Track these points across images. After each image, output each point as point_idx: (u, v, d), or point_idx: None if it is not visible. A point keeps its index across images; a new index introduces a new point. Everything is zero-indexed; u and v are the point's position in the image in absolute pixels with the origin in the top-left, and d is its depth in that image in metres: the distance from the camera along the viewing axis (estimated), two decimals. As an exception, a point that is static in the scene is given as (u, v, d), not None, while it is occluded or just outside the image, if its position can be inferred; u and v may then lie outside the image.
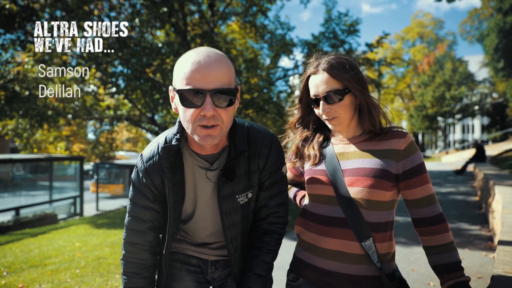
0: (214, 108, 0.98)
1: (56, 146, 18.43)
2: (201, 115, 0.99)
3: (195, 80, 0.96)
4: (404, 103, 38.39)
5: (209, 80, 0.97)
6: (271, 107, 11.10)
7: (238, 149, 1.12)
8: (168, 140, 1.15)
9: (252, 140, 1.17)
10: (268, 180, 1.21)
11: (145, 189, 1.16)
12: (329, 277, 1.20)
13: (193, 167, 1.17)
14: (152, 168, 1.14)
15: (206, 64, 0.97)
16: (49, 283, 4.03)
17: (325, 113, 1.22)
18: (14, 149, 25.24)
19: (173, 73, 1.05)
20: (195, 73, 0.96)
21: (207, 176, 1.17)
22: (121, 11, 9.90)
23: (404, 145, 1.18)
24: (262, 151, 1.18)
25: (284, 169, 1.25)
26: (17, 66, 10.64)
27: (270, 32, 13.01)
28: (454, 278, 1.13)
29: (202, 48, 1.04)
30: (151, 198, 1.17)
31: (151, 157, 1.15)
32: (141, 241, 1.19)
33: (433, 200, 1.19)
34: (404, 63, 27.07)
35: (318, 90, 1.21)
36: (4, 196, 11.42)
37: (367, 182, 1.16)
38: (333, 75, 1.19)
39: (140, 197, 1.17)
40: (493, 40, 23.83)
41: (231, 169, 1.13)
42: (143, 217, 1.18)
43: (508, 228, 2.58)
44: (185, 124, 1.04)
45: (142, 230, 1.18)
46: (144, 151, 1.19)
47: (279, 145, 1.24)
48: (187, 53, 1.04)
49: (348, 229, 1.17)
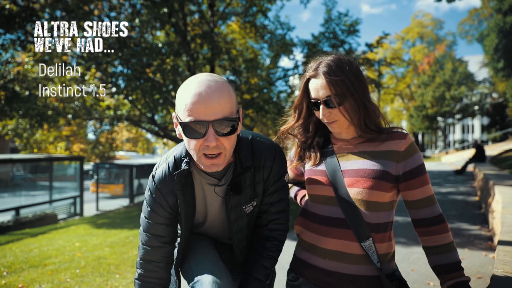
0: (217, 138, 1.01)
1: (56, 146, 18.43)
2: (204, 145, 1.02)
3: (196, 112, 0.98)
4: (404, 103, 38.39)
5: (210, 112, 0.98)
6: (271, 107, 11.10)
7: (243, 165, 1.16)
8: (177, 162, 1.18)
9: (256, 153, 1.20)
10: (271, 187, 1.25)
11: (160, 208, 1.20)
12: (329, 277, 1.20)
13: (202, 184, 1.22)
14: (166, 190, 1.18)
15: (207, 96, 0.98)
16: (49, 283, 4.03)
17: (325, 117, 1.22)
18: (14, 149, 25.24)
19: (176, 101, 1.07)
20: (196, 105, 0.98)
21: (215, 191, 1.23)
22: (121, 11, 9.90)
23: (404, 147, 1.19)
24: (266, 163, 1.21)
25: (286, 177, 1.28)
26: (17, 66, 10.64)
27: (270, 32, 13.02)
28: (454, 278, 1.14)
29: (203, 77, 1.04)
30: (167, 215, 1.21)
31: (163, 178, 1.18)
32: (158, 257, 1.22)
33: (433, 201, 1.20)
34: (404, 63, 27.11)
35: (318, 94, 1.21)
36: (4, 196, 11.41)
37: (367, 183, 1.17)
38: (333, 79, 1.17)
39: (155, 216, 1.20)
40: (493, 40, 23.84)
41: (238, 183, 1.18)
42: (159, 233, 1.21)
43: (508, 228, 2.59)
44: (190, 152, 1.08)
45: (159, 245, 1.21)
46: (155, 172, 1.21)
47: (282, 154, 1.27)
48: (189, 81, 1.05)
49: (348, 229, 1.18)
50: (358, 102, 1.20)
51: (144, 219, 1.22)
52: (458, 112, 32.29)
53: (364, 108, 1.21)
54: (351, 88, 1.18)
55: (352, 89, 1.18)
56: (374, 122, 1.23)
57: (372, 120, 1.22)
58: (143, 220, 1.23)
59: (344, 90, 1.18)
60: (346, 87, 1.18)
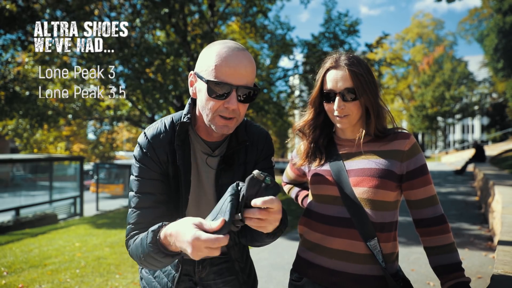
0: (237, 102, 1.03)
1: (56, 146, 18.43)
2: (224, 106, 1.04)
3: (224, 74, 1.01)
4: (404, 103, 38.40)
5: (238, 76, 1.02)
6: (271, 107, 11.11)
7: (239, 139, 1.18)
8: (176, 120, 1.17)
9: (249, 132, 1.23)
10: (258, 165, 1.26)
11: (152, 162, 1.13)
12: (334, 276, 1.20)
13: (195, 151, 1.20)
14: (158, 144, 1.14)
15: (237, 60, 1.02)
16: (49, 283, 4.03)
17: (339, 110, 1.21)
18: (14, 149, 25.26)
19: (199, 61, 1.08)
20: (226, 67, 1.01)
21: (207, 162, 1.19)
22: (121, 11, 9.90)
23: (408, 146, 1.20)
24: (258, 143, 1.24)
25: (273, 160, 1.30)
26: (17, 66, 10.64)
27: (270, 32, 13.03)
28: (454, 278, 1.14)
29: (231, 43, 1.07)
30: (158, 170, 1.14)
31: (157, 134, 1.15)
32: (150, 219, 1.10)
33: (435, 201, 1.20)
34: (404, 63, 27.09)
35: (337, 86, 1.21)
36: (4, 196, 11.42)
37: (372, 183, 1.17)
38: (354, 73, 1.18)
39: (147, 171, 1.13)
40: (492, 40, 23.85)
41: (231, 157, 1.18)
42: (152, 190, 1.12)
43: (508, 228, 2.59)
44: (204, 111, 1.08)
45: (152, 205, 1.11)
46: (148, 129, 1.17)
47: (271, 140, 1.31)
48: (217, 44, 1.07)
49: (353, 229, 1.18)
50: (372, 100, 1.21)
51: (134, 179, 1.13)
52: (458, 112, 32.31)
53: (377, 107, 1.23)
54: (369, 85, 1.20)
55: (369, 86, 1.20)
56: (382, 124, 1.24)
57: (382, 121, 1.24)
58: (132, 181, 1.14)
59: (364, 85, 1.19)
60: (365, 82, 1.19)
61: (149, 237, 0.93)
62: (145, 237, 0.95)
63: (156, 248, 0.91)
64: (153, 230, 0.93)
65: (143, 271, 1.32)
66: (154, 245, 0.91)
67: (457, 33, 40.14)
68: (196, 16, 11.15)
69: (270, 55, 13.40)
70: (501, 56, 23.87)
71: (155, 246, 0.91)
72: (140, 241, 0.99)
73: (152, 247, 0.91)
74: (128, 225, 1.11)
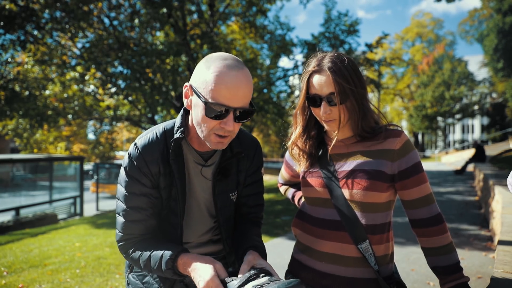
0: (234, 124, 1.04)
1: (56, 146, 18.41)
2: (220, 126, 1.04)
3: (223, 97, 1.00)
4: (404, 103, 38.40)
5: (236, 99, 1.01)
6: (271, 107, 11.12)
7: (234, 150, 1.19)
8: (167, 132, 1.16)
9: (242, 142, 1.25)
10: (249, 178, 1.27)
11: (143, 176, 1.12)
12: (325, 279, 1.19)
13: (188, 161, 1.19)
14: (150, 157, 1.12)
15: (237, 83, 1.01)
16: (49, 283, 4.03)
17: (325, 115, 1.18)
18: (14, 149, 25.25)
19: (197, 74, 1.06)
20: (225, 90, 1.00)
21: (202, 173, 1.20)
22: (120, 12, 9.90)
23: (399, 145, 1.16)
24: (250, 153, 1.26)
25: (262, 171, 1.32)
26: (17, 66, 10.64)
27: (270, 33, 13.04)
28: (454, 280, 1.13)
29: (230, 60, 1.04)
30: (149, 185, 1.13)
31: (149, 145, 1.13)
32: (142, 231, 1.13)
33: (430, 200, 1.17)
34: (404, 63, 27.09)
35: (322, 90, 1.16)
36: (4, 196, 11.42)
37: (361, 184, 1.15)
38: (338, 76, 1.13)
39: (137, 185, 1.12)
40: (492, 40, 23.86)
41: (226, 167, 1.20)
42: (142, 205, 1.12)
43: (508, 228, 2.59)
44: (200, 127, 1.07)
45: (143, 219, 1.12)
46: (139, 140, 1.15)
47: (261, 149, 1.33)
48: (214, 60, 1.03)
49: (343, 231, 1.17)
50: (358, 102, 1.17)
51: (124, 192, 1.12)
52: (458, 112, 32.31)
53: (363, 109, 1.19)
54: (354, 87, 1.15)
55: (354, 88, 1.15)
56: (369, 124, 1.20)
57: (368, 122, 1.20)
58: (122, 194, 1.12)
59: (347, 89, 1.14)
60: (349, 85, 1.14)
61: (166, 263, 1.03)
62: (159, 260, 1.05)
63: (172, 272, 1.04)
64: (171, 258, 1.03)
65: (130, 276, 1.29)
66: (171, 270, 1.03)
67: (458, 34, 40.15)
68: (195, 16, 11.15)
69: (270, 55, 13.39)
70: (501, 56, 23.89)
71: (171, 271, 1.03)
72: (151, 258, 1.07)
73: (169, 272, 1.04)
74: (119, 233, 1.13)
